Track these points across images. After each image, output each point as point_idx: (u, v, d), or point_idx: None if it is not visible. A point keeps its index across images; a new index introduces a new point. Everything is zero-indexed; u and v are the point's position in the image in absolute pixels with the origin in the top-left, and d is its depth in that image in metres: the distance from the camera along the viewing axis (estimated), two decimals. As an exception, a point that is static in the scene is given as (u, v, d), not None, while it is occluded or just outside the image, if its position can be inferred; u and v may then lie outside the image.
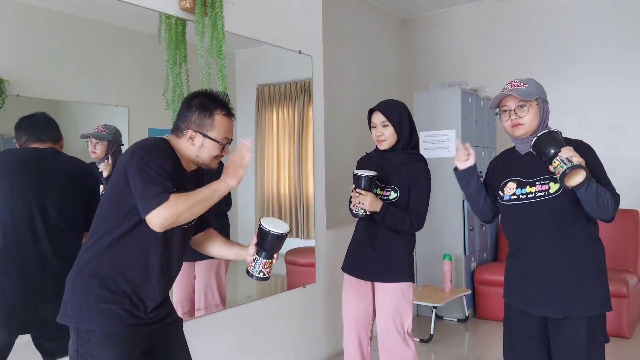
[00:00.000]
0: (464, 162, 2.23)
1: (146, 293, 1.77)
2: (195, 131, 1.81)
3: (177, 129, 1.86)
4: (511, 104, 2.09)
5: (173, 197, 1.65)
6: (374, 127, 2.65)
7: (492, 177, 2.28)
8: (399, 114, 2.62)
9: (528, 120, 2.07)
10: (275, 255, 1.88)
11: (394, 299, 2.63)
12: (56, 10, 2.42)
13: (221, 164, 3.18)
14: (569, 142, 2.10)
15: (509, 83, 2.13)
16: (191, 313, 2.98)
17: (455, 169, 2.26)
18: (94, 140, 2.51)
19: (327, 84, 3.93)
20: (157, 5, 2.66)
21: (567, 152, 1.89)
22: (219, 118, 1.82)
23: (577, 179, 1.87)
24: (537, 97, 2.08)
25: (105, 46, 1.78)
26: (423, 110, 4.77)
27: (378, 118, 2.62)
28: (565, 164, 1.87)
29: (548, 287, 2.06)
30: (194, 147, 1.83)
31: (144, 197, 1.65)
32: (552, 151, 1.91)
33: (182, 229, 1.85)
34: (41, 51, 2.37)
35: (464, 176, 2.25)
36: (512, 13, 5.33)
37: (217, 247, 2.05)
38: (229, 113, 1.87)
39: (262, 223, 1.84)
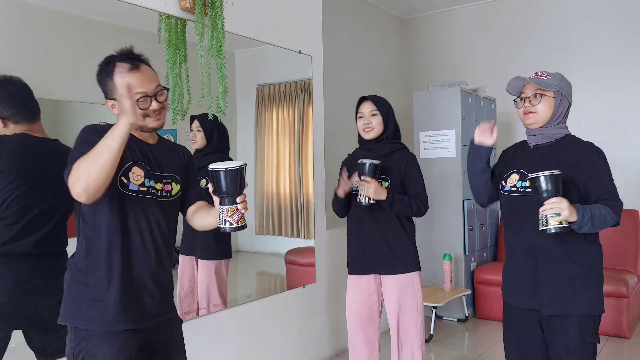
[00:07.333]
0: (482, 137, 2.21)
1: (138, 281, 1.73)
2: (109, 100, 1.75)
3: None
4: (528, 91, 2.11)
5: (77, 161, 1.55)
6: (361, 117, 2.71)
7: (501, 165, 2.28)
8: (387, 106, 2.73)
9: (540, 109, 2.08)
10: (238, 200, 1.70)
11: (403, 291, 2.63)
12: (56, 10, 2.42)
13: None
14: (581, 144, 2.09)
15: (536, 72, 2.13)
16: (193, 311, 2.97)
17: (472, 141, 2.26)
18: None
19: (327, 84, 3.93)
20: (157, 5, 2.66)
21: (550, 209, 1.88)
22: (118, 78, 1.70)
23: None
24: (556, 90, 2.07)
25: (105, 46, 1.78)
26: (423, 110, 4.77)
27: (367, 107, 2.69)
28: (543, 223, 1.90)
29: (541, 281, 2.06)
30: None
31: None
32: (538, 199, 1.92)
33: (158, 202, 1.77)
34: (41, 51, 2.37)
35: (476, 150, 2.24)
36: (511, 13, 5.33)
37: (200, 218, 1.92)
38: (131, 67, 1.72)
39: (209, 166, 1.68)
